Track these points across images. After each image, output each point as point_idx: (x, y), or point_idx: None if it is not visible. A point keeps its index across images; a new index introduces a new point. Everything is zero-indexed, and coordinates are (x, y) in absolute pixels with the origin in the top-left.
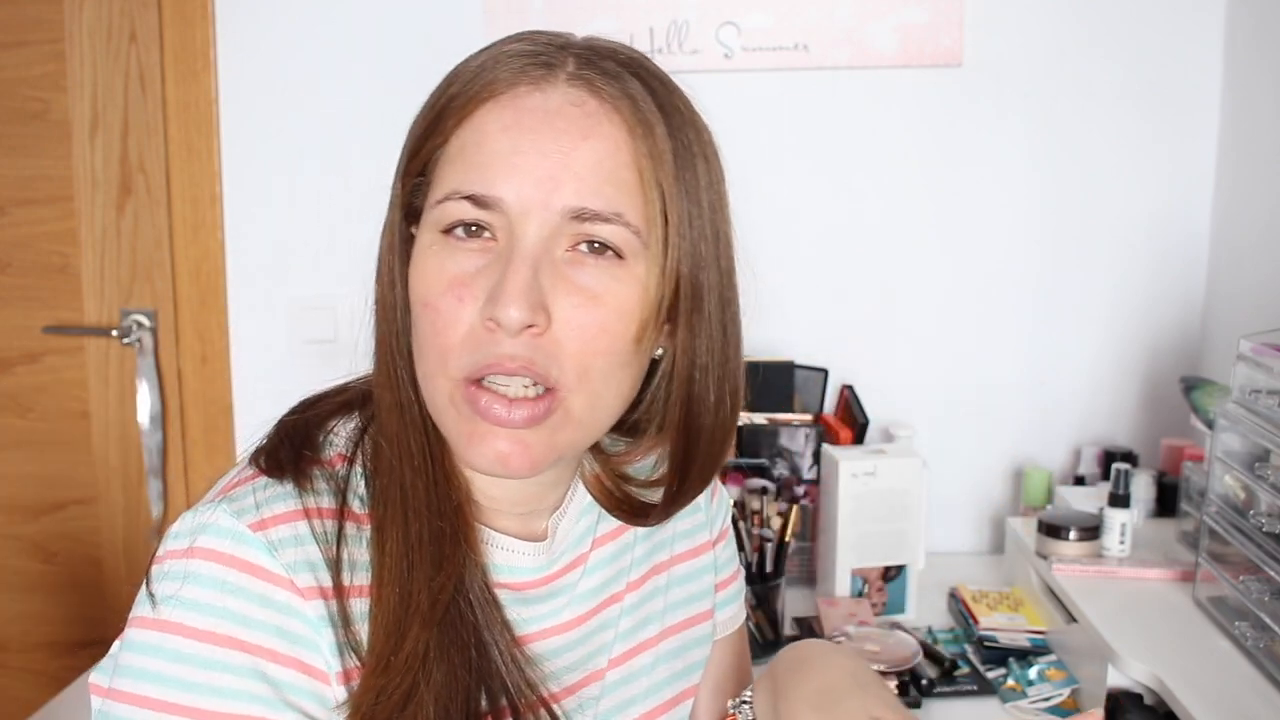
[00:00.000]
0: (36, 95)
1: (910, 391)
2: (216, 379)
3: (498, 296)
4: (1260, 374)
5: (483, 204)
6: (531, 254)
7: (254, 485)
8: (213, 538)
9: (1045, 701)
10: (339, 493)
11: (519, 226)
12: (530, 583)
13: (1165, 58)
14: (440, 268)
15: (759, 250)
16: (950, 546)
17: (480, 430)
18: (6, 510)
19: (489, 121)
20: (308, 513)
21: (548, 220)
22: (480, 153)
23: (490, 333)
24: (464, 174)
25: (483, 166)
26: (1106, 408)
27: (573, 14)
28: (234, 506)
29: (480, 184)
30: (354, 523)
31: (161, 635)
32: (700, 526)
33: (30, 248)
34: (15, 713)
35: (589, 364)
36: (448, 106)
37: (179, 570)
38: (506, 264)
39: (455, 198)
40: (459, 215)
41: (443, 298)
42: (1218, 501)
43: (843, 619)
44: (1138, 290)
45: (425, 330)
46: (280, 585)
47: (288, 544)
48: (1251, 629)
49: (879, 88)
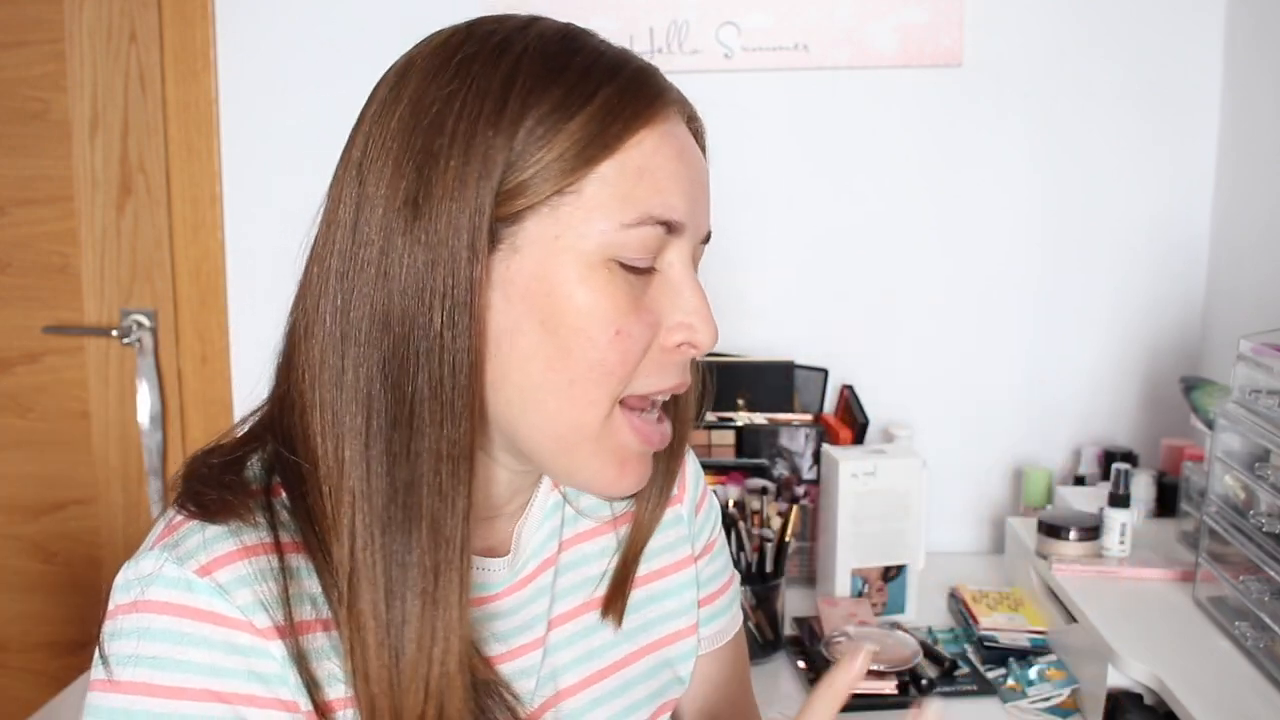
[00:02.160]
0: (36, 95)
1: (910, 391)
2: (216, 379)
3: (697, 324)
4: (1260, 374)
5: (673, 229)
6: (697, 278)
7: (188, 529)
8: (161, 589)
9: (1045, 701)
10: (277, 525)
11: (681, 250)
12: (496, 595)
13: (1165, 58)
14: (625, 290)
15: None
16: (950, 546)
17: (628, 455)
18: (6, 510)
19: (661, 148)
20: (249, 550)
21: (697, 243)
22: (668, 177)
23: (671, 355)
24: (654, 197)
25: (672, 191)
26: (1106, 408)
27: (573, 14)
28: (176, 553)
29: (671, 210)
30: (295, 554)
31: (128, 699)
32: (682, 540)
33: (30, 248)
34: (15, 713)
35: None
36: (610, 125)
37: (131, 627)
38: (691, 289)
39: (649, 222)
40: (645, 244)
41: (638, 323)
42: (1218, 501)
43: (843, 619)
44: (1138, 290)
45: (608, 357)
46: (241, 629)
47: (236, 585)
48: (1251, 629)
49: (879, 88)
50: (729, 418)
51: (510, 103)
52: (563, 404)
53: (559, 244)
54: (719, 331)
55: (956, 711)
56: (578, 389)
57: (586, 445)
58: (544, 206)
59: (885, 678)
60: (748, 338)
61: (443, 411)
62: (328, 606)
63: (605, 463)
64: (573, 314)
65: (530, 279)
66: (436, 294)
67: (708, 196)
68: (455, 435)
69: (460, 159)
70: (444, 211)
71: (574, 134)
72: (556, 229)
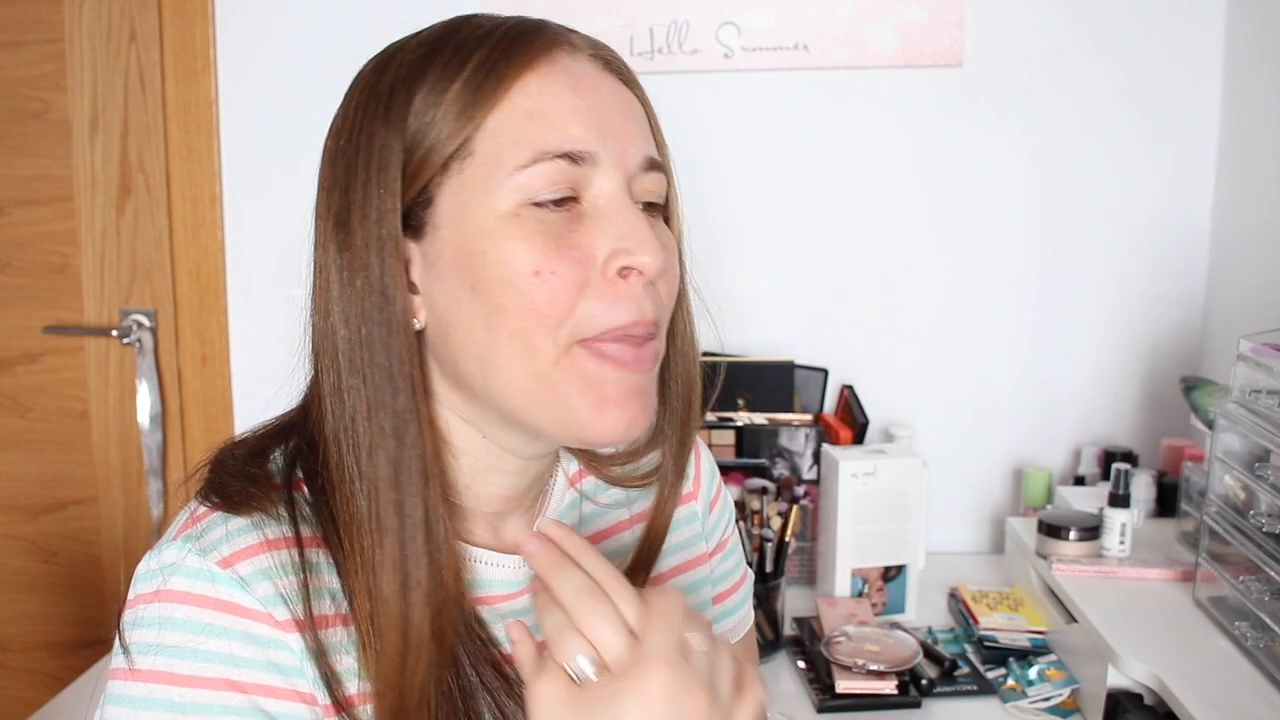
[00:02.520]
0: (36, 95)
1: (910, 391)
2: (216, 379)
3: (633, 247)
4: (1260, 374)
5: (577, 159)
6: (634, 203)
7: (211, 521)
8: (183, 579)
9: (1045, 701)
10: (298, 519)
11: (606, 180)
12: (510, 595)
13: (1165, 58)
14: (541, 231)
15: (759, 250)
16: (950, 546)
17: (608, 393)
18: (6, 510)
19: (549, 85)
20: (271, 544)
21: (629, 171)
22: (557, 112)
23: (617, 286)
24: (545, 134)
25: (564, 124)
26: (1106, 408)
27: (572, 14)
28: (198, 544)
29: (570, 141)
30: (316, 549)
31: (149, 687)
32: (697, 537)
33: (30, 248)
34: (15, 713)
35: (670, 312)
36: (486, 81)
37: (153, 616)
38: (621, 215)
39: (545, 158)
40: (552, 178)
41: (559, 260)
42: (1218, 501)
43: (843, 619)
44: (1138, 290)
45: (536, 299)
46: (260, 620)
47: (258, 578)
48: (1251, 629)
49: (879, 88)
50: (729, 418)
51: (396, 96)
52: (512, 357)
53: (468, 208)
54: (664, 253)
55: (956, 711)
56: (519, 339)
57: (553, 391)
58: (447, 178)
59: (885, 678)
60: (748, 338)
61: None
62: (347, 602)
63: (580, 403)
64: (492, 268)
65: (454, 251)
66: (372, 290)
67: (633, 123)
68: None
69: (364, 163)
70: (363, 219)
71: (455, 98)
72: (463, 194)
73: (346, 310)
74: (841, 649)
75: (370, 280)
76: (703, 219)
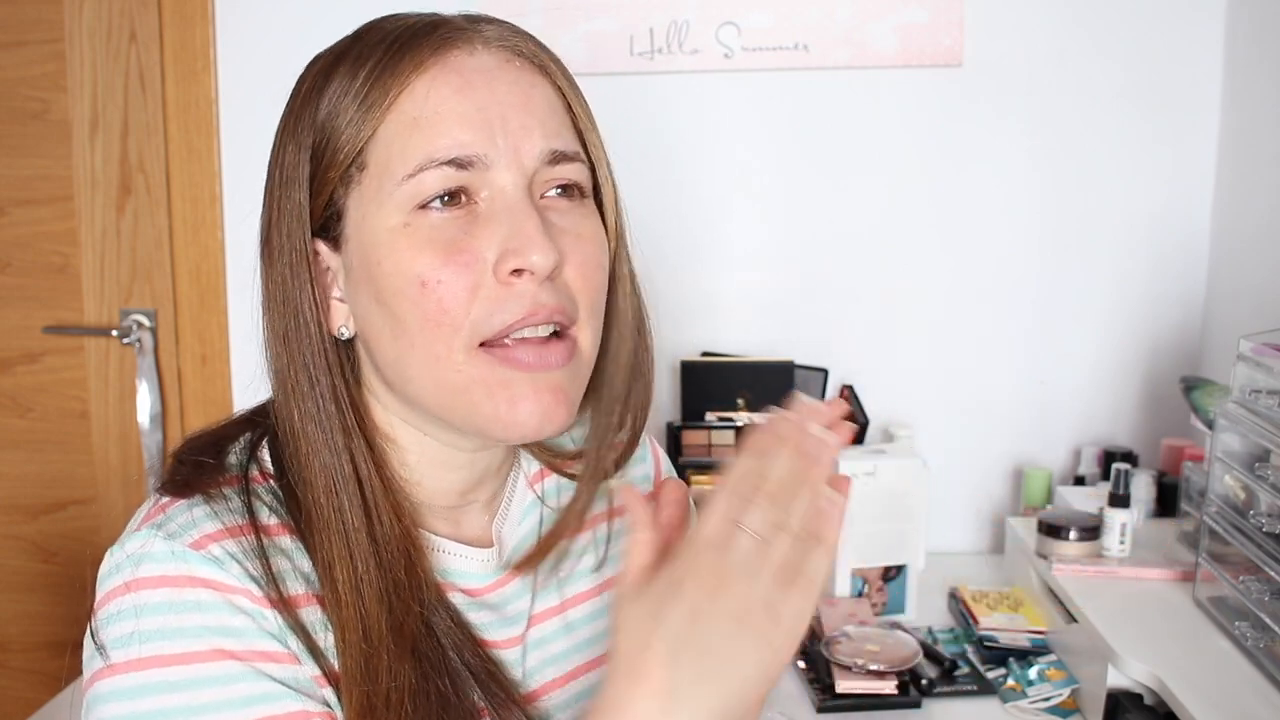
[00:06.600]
0: (36, 95)
1: (910, 391)
2: (216, 379)
3: (520, 247)
4: (1260, 374)
5: (464, 164)
6: (528, 202)
7: (176, 508)
8: (154, 564)
9: (1045, 701)
10: (254, 508)
11: (501, 179)
12: (482, 588)
13: (1165, 58)
14: (430, 240)
15: (759, 250)
16: (950, 546)
17: (518, 391)
18: (6, 510)
19: (435, 89)
20: (230, 531)
21: (527, 168)
22: (442, 118)
23: (510, 287)
24: (430, 142)
25: (450, 130)
26: (1106, 408)
27: (572, 14)
28: (164, 530)
29: (456, 147)
30: (287, 535)
31: (140, 675)
32: None
33: (30, 248)
34: (15, 713)
35: (592, 300)
36: (371, 91)
37: (128, 607)
38: (511, 215)
39: (432, 166)
40: (440, 184)
41: (445, 268)
42: (1218, 501)
43: (843, 619)
44: (1138, 290)
45: (428, 309)
46: (240, 594)
47: (229, 559)
48: (1251, 629)
49: (879, 88)
50: (729, 418)
51: (305, 109)
52: (419, 365)
53: (366, 219)
54: (555, 250)
55: (956, 711)
56: (420, 348)
57: (463, 395)
58: (349, 190)
59: (885, 678)
60: (748, 337)
61: (315, 396)
62: (320, 585)
63: (490, 404)
64: (386, 279)
65: (360, 262)
66: (289, 304)
67: (534, 116)
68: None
69: (279, 178)
70: (278, 234)
71: (349, 109)
72: (363, 206)
73: (273, 324)
74: (841, 649)
75: (288, 294)
76: (703, 219)
